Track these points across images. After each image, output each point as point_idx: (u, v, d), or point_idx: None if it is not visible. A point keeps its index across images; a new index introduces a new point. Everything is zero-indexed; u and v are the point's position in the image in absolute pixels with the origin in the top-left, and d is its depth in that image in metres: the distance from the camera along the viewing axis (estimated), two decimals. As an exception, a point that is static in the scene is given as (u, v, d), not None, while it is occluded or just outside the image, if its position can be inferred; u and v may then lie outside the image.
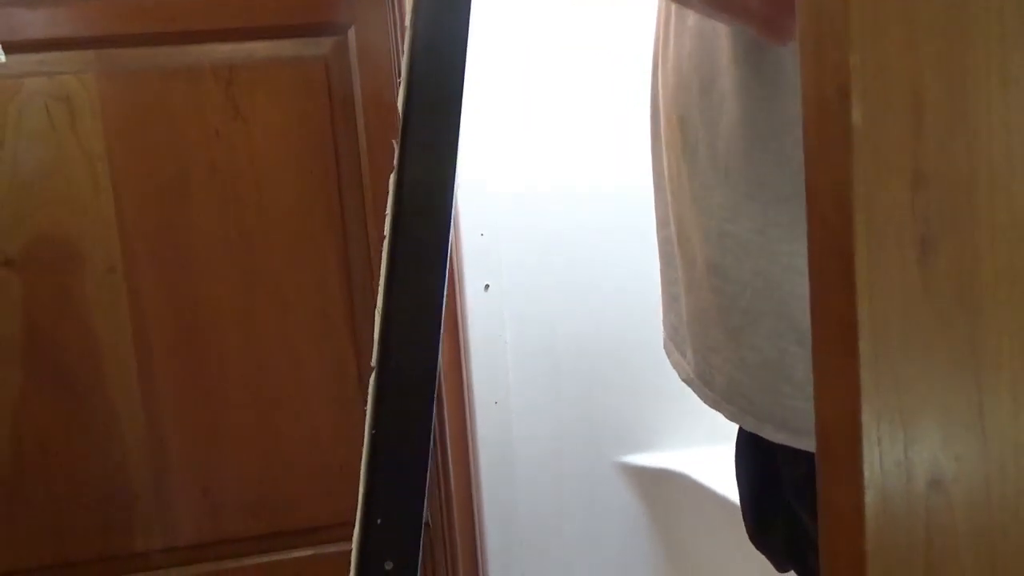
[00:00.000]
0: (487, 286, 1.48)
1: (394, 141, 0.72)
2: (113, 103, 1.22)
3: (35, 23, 1.20)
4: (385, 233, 0.72)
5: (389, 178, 0.73)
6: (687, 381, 0.80)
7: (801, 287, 0.66)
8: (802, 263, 0.65)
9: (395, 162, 0.72)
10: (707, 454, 1.50)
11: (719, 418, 0.79)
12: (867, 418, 0.37)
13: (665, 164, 0.78)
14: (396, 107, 0.73)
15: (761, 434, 0.71)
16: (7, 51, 1.00)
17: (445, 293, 0.73)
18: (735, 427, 0.81)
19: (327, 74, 1.26)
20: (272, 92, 1.25)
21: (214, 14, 1.23)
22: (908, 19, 0.37)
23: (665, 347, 0.86)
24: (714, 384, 0.74)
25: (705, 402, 0.77)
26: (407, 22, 0.71)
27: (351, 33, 1.26)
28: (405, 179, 0.72)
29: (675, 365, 0.83)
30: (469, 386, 1.51)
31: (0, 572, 1.28)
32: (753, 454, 0.79)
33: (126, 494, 1.29)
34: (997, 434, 0.39)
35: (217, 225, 1.26)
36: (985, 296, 0.39)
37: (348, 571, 0.72)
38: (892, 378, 0.37)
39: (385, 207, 0.74)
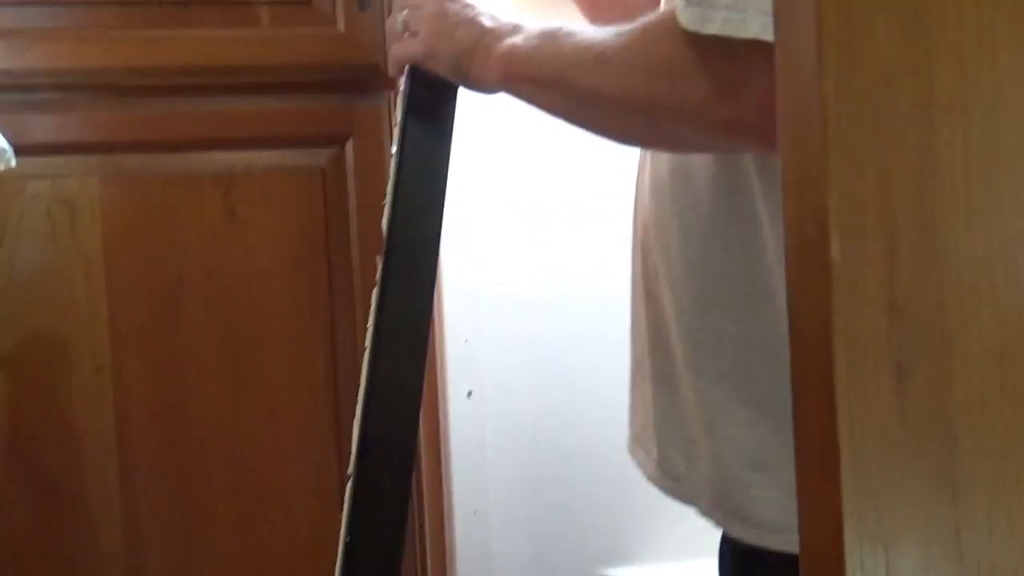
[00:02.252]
0: (470, 393, 1.48)
1: (378, 258, 0.76)
2: (113, 207, 1.25)
3: (45, 127, 1.24)
4: (366, 345, 0.75)
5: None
6: (651, 479, 0.81)
7: (776, 376, 0.68)
8: (778, 352, 0.67)
9: (378, 276, 0.76)
10: (691, 568, 1.48)
11: (704, 531, 0.79)
12: (850, 542, 0.38)
13: (640, 267, 0.82)
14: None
15: (729, 531, 0.72)
16: (16, 154, 1.03)
17: (422, 404, 0.76)
18: (719, 541, 0.81)
19: (323, 184, 1.29)
20: (269, 199, 1.28)
21: (217, 124, 1.27)
22: (881, 162, 0.40)
23: (629, 447, 0.87)
24: (689, 478, 0.75)
25: (674, 497, 0.78)
26: (393, 149, 0.76)
27: (349, 146, 1.30)
28: (386, 294, 0.76)
29: (640, 464, 0.84)
30: (449, 495, 1.49)
31: None
32: (735, 569, 0.79)
33: (99, 601, 1.26)
34: (974, 556, 0.40)
35: (208, 327, 1.27)
36: (959, 422, 0.40)
37: None
38: (873, 502, 0.39)
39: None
